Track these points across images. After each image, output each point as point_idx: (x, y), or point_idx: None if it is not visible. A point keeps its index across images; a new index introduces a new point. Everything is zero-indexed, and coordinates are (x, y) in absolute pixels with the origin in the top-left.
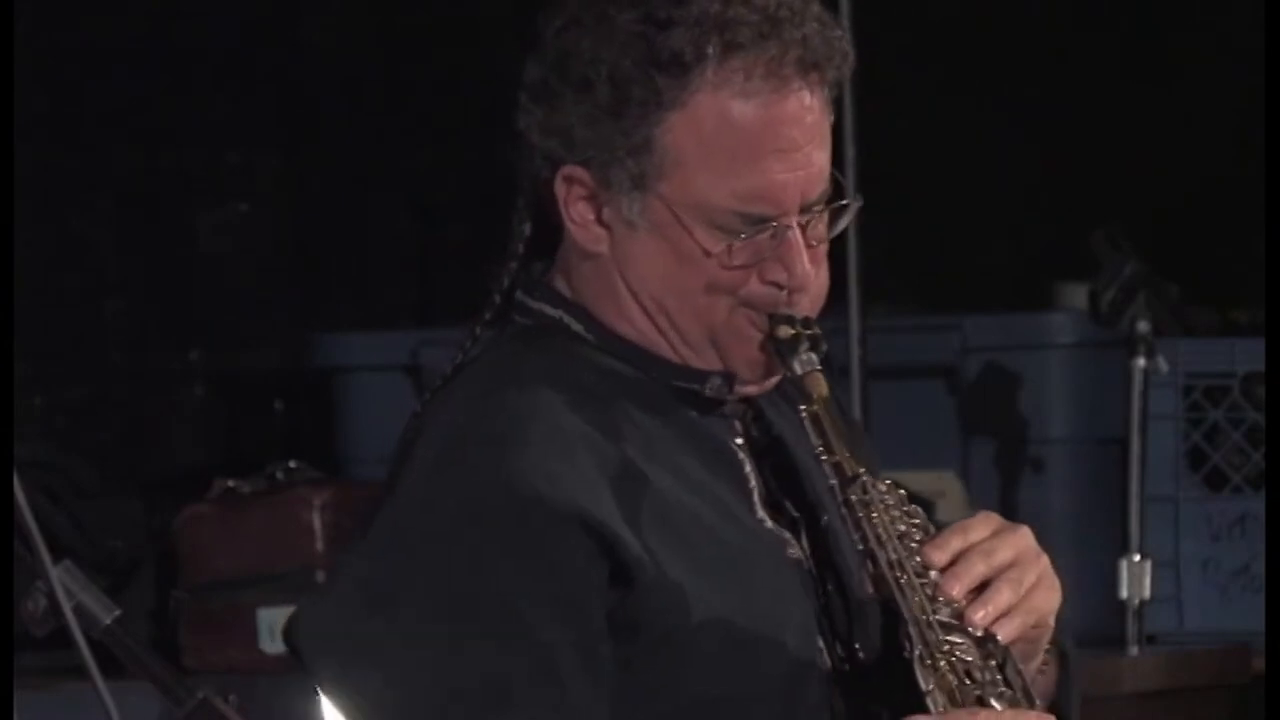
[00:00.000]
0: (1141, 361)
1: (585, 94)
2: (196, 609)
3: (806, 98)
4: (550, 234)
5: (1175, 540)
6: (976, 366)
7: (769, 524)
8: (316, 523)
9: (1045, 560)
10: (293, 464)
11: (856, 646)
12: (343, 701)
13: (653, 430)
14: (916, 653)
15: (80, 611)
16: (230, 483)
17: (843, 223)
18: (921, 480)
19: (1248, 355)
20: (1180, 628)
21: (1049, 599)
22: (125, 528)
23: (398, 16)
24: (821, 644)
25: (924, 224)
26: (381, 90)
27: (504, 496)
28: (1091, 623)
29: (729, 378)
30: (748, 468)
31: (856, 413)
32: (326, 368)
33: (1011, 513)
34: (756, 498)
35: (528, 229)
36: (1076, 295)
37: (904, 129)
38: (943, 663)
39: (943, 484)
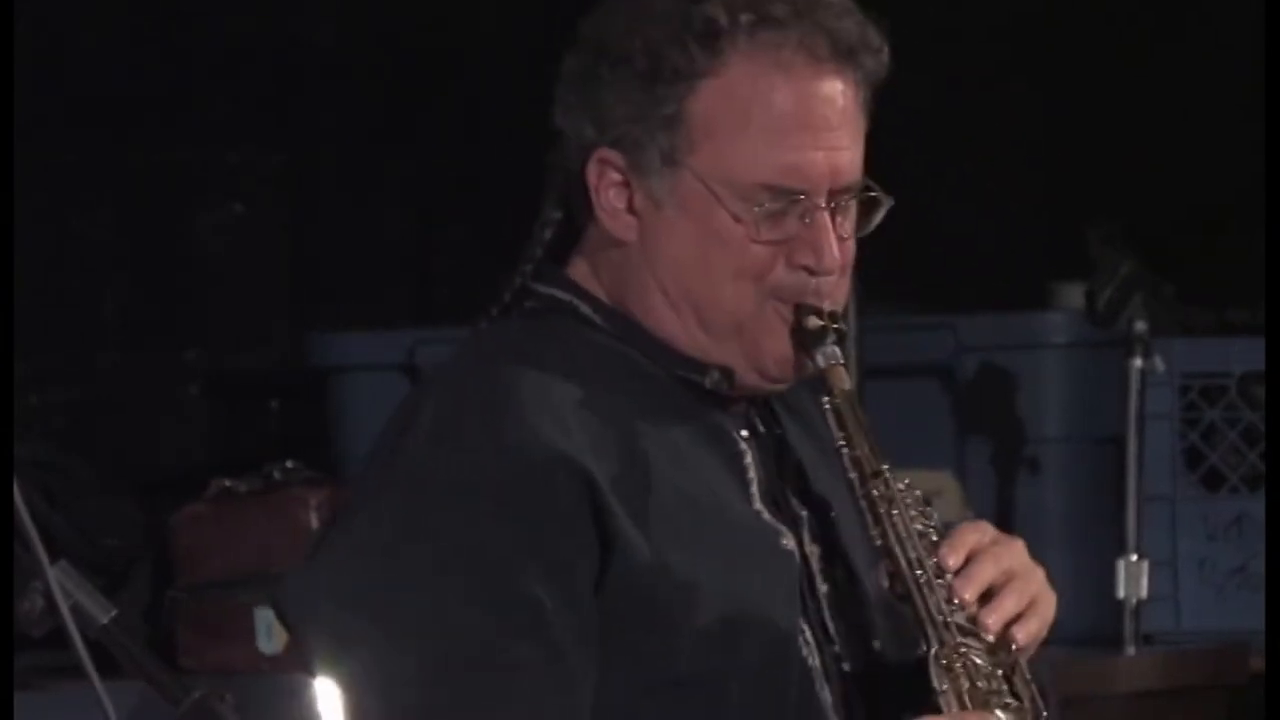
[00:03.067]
0: (1138, 361)
1: (621, 67)
2: (193, 609)
3: (839, 83)
4: (571, 239)
5: (1172, 540)
6: (972, 366)
7: (765, 515)
8: (313, 522)
9: (1041, 573)
10: (289, 463)
11: (849, 643)
12: (337, 670)
13: (651, 413)
14: (933, 652)
15: (77, 611)
16: (227, 482)
17: (874, 220)
18: (917, 480)
19: (1244, 355)
20: (1177, 627)
21: (1048, 610)
22: (122, 527)
23: (396, 16)
24: (810, 637)
25: (919, 222)
26: (380, 90)
27: (496, 459)
28: (1088, 622)
29: (729, 373)
30: (748, 459)
31: None
32: (323, 367)
33: (1008, 512)
34: (755, 489)
35: (548, 234)
36: (1073, 295)
37: (898, 127)
38: (958, 664)
39: (939, 483)
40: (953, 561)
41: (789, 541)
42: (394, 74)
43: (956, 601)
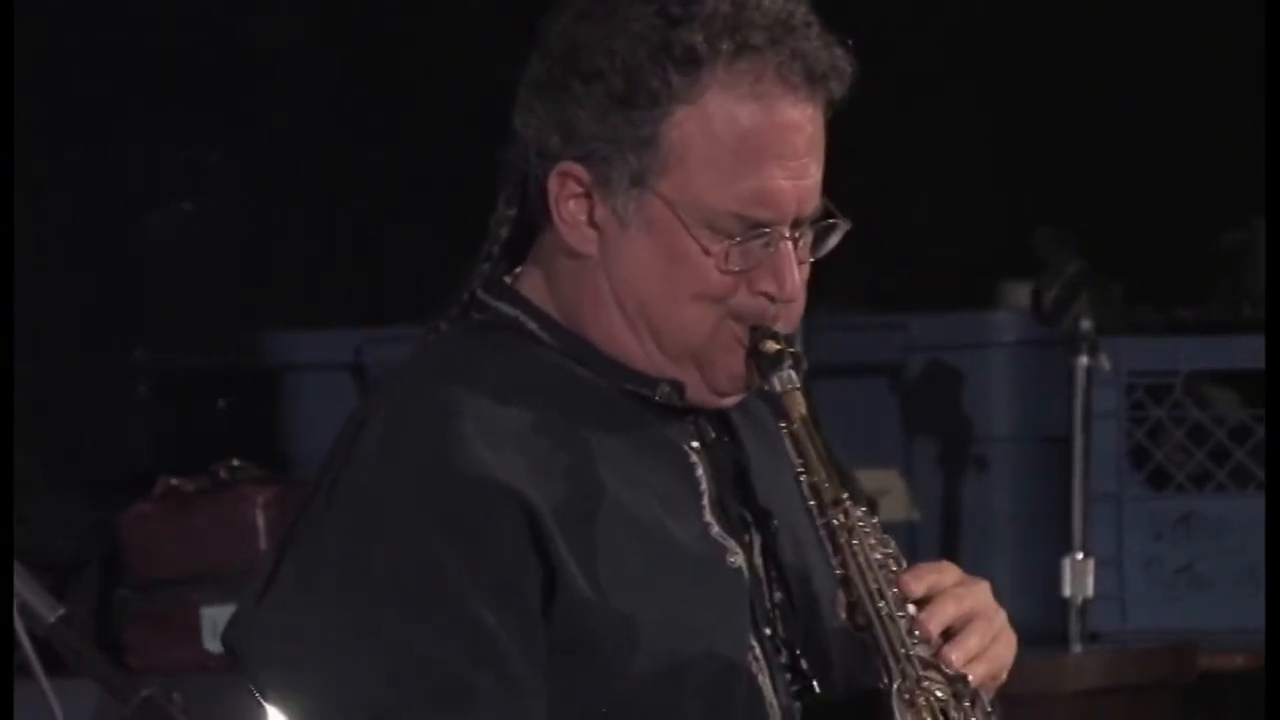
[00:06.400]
0: (1084, 360)
1: (595, 85)
2: (141, 607)
3: (809, 109)
4: (525, 239)
5: (1118, 538)
6: (920, 364)
7: (714, 529)
8: (260, 521)
9: (1003, 615)
10: (236, 462)
11: (798, 654)
12: (290, 704)
13: (598, 430)
14: (895, 686)
15: (25, 610)
16: (174, 481)
17: (829, 244)
18: (865, 478)
19: (1191, 354)
20: (1123, 626)
21: (1009, 651)
22: (71, 526)
23: (346, 17)
24: (760, 652)
25: (868, 222)
26: (329, 90)
27: (441, 482)
28: (1034, 620)
29: (680, 386)
30: (699, 470)
31: None
32: (270, 366)
33: (955, 510)
34: (705, 501)
35: (505, 232)
36: (1020, 294)
37: (848, 128)
38: (921, 699)
39: (886, 482)
40: (915, 590)
41: (736, 558)
42: (344, 74)
43: (917, 634)
